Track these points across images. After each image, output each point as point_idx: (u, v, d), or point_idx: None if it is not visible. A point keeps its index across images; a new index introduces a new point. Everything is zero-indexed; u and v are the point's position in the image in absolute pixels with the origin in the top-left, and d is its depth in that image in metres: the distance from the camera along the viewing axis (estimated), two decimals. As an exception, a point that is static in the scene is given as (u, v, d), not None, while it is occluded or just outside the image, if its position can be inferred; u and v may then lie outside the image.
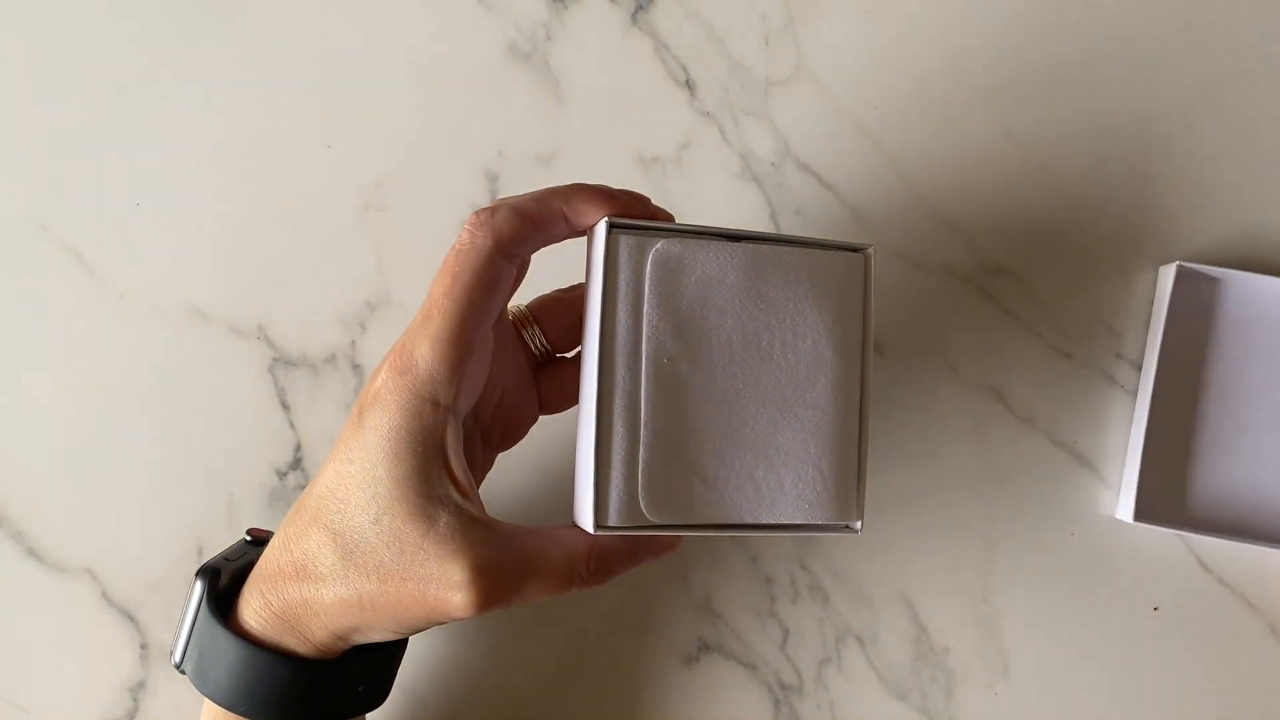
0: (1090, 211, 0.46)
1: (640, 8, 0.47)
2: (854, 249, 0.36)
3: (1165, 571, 0.45)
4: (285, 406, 0.45)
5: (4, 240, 0.46)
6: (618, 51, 0.47)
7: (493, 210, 0.33)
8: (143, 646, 0.44)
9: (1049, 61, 0.47)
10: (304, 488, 0.45)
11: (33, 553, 0.44)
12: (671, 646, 0.45)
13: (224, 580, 0.36)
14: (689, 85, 0.47)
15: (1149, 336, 0.45)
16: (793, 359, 0.35)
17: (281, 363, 0.45)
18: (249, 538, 0.39)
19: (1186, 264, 0.44)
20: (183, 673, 0.36)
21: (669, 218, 0.36)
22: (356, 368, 0.46)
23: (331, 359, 0.46)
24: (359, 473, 0.32)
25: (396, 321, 0.46)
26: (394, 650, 0.37)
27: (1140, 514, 0.44)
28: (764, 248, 0.35)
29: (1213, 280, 0.45)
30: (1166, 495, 0.45)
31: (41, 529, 0.45)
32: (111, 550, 0.44)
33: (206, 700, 0.35)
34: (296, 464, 0.45)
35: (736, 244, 0.35)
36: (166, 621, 0.44)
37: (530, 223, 0.33)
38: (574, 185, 0.34)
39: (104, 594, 0.44)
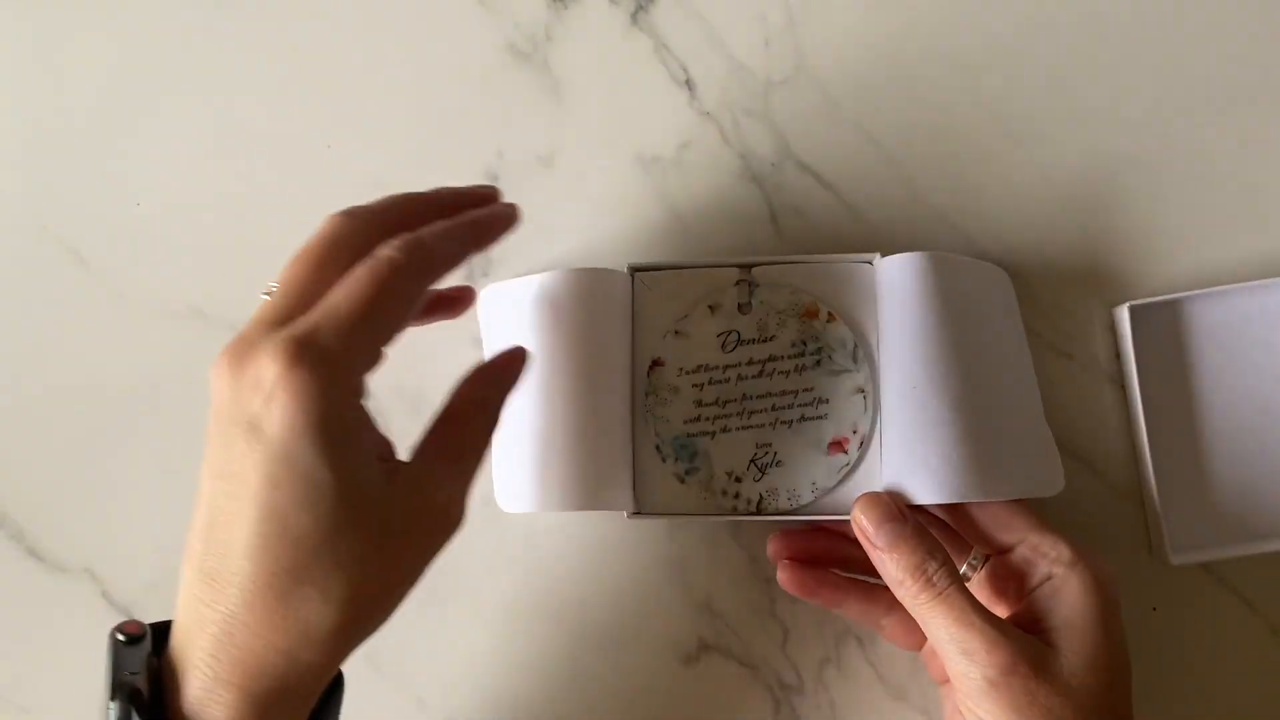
0: (1092, 210, 0.46)
1: (640, 8, 0.47)
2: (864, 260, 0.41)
3: (1165, 571, 0.45)
4: (285, 406, 0.45)
5: (4, 240, 0.46)
6: (618, 51, 0.47)
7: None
8: (143, 646, 0.44)
9: (1050, 59, 0.47)
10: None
11: (33, 553, 0.44)
12: (671, 646, 0.45)
13: (147, 695, 0.32)
14: (689, 85, 0.47)
15: (1125, 380, 0.45)
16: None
17: (281, 363, 0.45)
18: (122, 637, 0.32)
19: (1137, 302, 0.44)
20: None
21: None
22: (356, 368, 0.46)
23: (331, 359, 0.46)
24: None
25: (396, 321, 0.46)
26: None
27: (1178, 553, 0.43)
28: (761, 270, 0.41)
29: (1168, 306, 0.45)
30: (1196, 525, 0.44)
31: (41, 529, 0.45)
32: (111, 550, 0.44)
33: None
34: (296, 464, 0.45)
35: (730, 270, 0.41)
36: (166, 621, 0.44)
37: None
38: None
39: (104, 594, 0.44)
